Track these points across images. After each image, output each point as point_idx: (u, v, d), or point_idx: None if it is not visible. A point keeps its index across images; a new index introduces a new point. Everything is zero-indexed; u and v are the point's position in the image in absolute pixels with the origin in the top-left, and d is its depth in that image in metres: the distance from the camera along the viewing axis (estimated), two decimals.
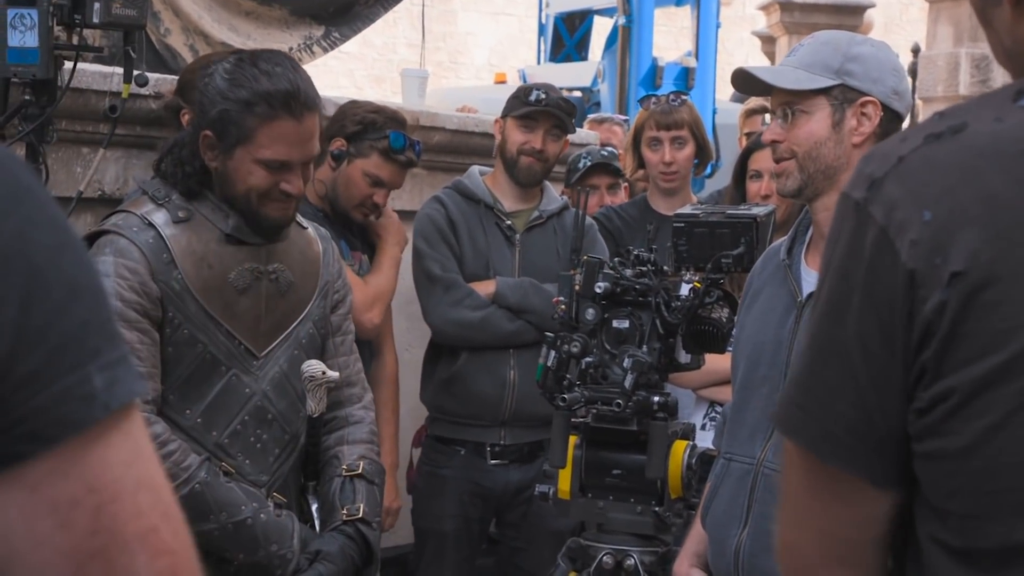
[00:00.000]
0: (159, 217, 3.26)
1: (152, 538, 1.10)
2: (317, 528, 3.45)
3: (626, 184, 5.70)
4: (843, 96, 2.95)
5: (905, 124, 3.00)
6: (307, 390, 3.38)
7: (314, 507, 3.47)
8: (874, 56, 3.00)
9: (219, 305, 3.27)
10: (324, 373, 3.39)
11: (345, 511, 3.43)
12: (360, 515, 3.43)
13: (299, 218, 3.51)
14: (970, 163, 1.38)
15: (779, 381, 2.95)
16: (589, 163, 5.51)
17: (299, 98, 3.23)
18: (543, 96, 4.79)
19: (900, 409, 1.41)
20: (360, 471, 3.48)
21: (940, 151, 1.40)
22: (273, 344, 3.35)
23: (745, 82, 3.08)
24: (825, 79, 2.95)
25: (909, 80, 3.64)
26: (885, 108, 2.96)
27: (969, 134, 1.40)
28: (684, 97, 5.40)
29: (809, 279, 2.99)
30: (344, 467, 3.48)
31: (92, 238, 3.24)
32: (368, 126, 4.51)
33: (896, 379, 1.40)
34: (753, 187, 4.74)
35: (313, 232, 3.56)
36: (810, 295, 2.91)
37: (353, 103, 4.73)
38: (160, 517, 1.11)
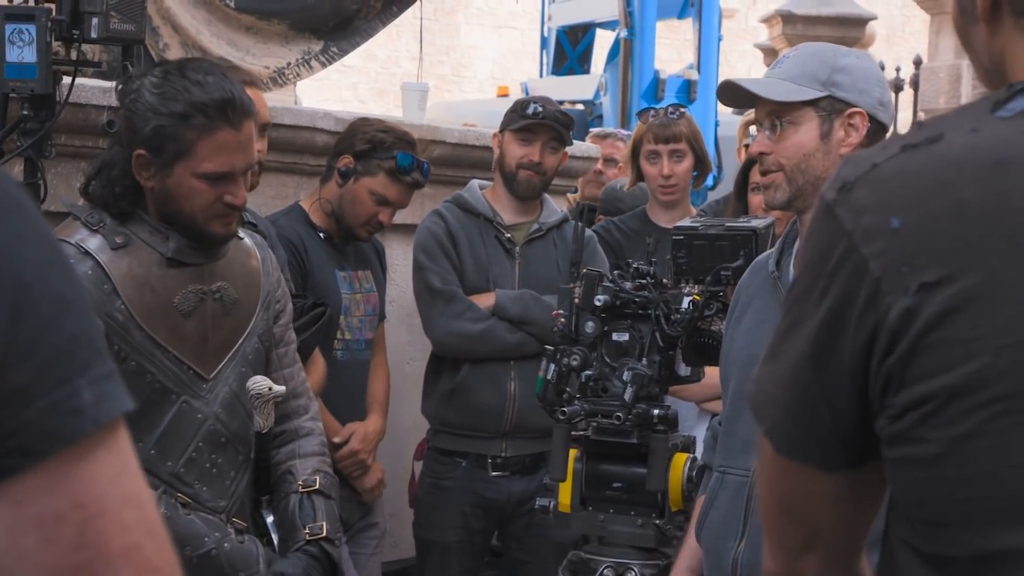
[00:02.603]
0: (94, 243, 3.11)
1: (136, 555, 1.09)
2: (275, 542, 3.36)
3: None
4: (831, 107, 2.93)
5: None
6: (254, 407, 3.27)
7: (269, 520, 3.38)
8: (860, 67, 2.99)
9: (165, 331, 3.13)
10: (270, 389, 3.29)
11: (307, 530, 3.32)
12: (323, 534, 3.33)
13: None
14: (942, 173, 1.38)
15: None
16: None
17: (236, 105, 3.09)
18: (540, 109, 4.79)
19: (851, 410, 1.43)
20: (317, 487, 3.38)
21: (914, 160, 1.40)
22: (221, 364, 3.23)
23: (731, 94, 3.06)
24: (813, 91, 2.93)
25: (892, 94, 3.64)
26: (871, 119, 2.95)
27: (944, 144, 1.40)
28: (682, 110, 5.38)
29: None
30: (300, 483, 3.37)
31: None
32: (376, 145, 4.51)
33: (845, 381, 1.42)
34: (755, 199, 4.73)
35: (250, 241, 3.40)
36: None
37: (363, 121, 4.72)
38: (145, 534, 1.10)
